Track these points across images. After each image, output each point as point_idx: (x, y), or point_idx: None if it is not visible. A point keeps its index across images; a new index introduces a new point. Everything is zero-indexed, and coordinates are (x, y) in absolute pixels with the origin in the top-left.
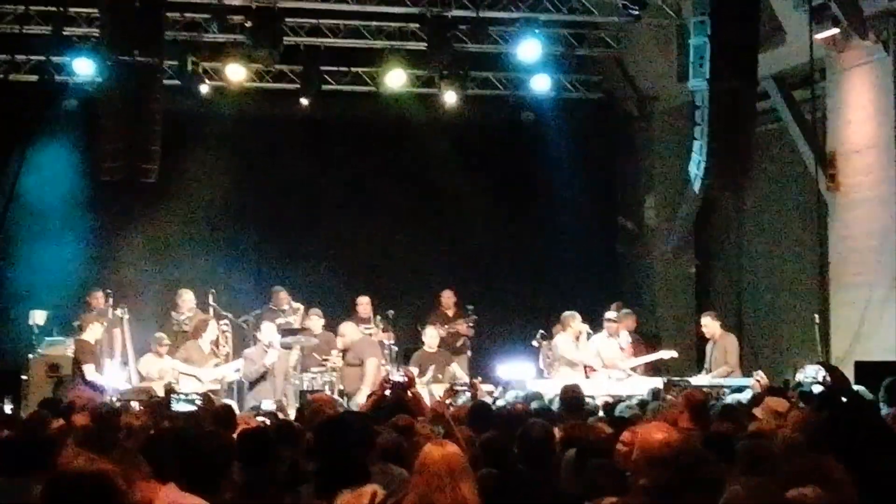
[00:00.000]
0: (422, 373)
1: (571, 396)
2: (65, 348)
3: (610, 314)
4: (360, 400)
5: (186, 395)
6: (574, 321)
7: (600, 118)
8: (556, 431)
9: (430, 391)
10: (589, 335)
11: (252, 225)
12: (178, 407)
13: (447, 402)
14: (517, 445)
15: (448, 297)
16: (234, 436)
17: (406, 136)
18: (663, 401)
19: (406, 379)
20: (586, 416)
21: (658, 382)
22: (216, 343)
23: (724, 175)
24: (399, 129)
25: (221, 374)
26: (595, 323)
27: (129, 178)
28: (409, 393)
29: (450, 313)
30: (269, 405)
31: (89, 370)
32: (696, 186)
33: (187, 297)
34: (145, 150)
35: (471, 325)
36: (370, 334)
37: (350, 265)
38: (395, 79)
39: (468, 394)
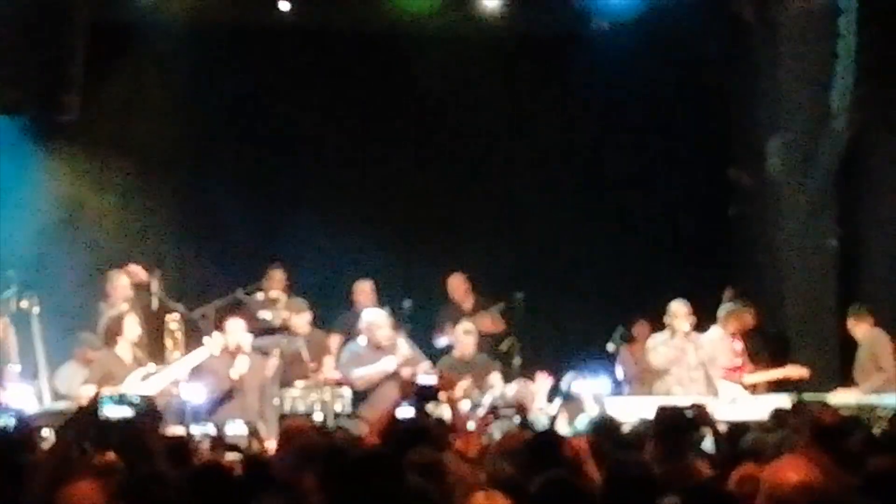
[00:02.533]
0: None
1: (669, 422)
2: None
3: (731, 306)
4: None
5: (121, 396)
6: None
7: (703, 28)
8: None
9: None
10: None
11: (212, 179)
12: (109, 411)
13: (486, 428)
14: (603, 491)
15: (458, 284)
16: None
17: (425, 56)
18: (791, 429)
19: (437, 382)
20: (687, 448)
21: (784, 401)
22: (160, 346)
23: (877, 108)
24: (416, 46)
25: (162, 384)
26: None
27: (39, 115)
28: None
29: (466, 306)
30: (237, 428)
31: None
32: (840, 124)
33: (120, 283)
34: (63, 76)
35: (499, 318)
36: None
37: (348, 237)
38: None
39: (516, 417)
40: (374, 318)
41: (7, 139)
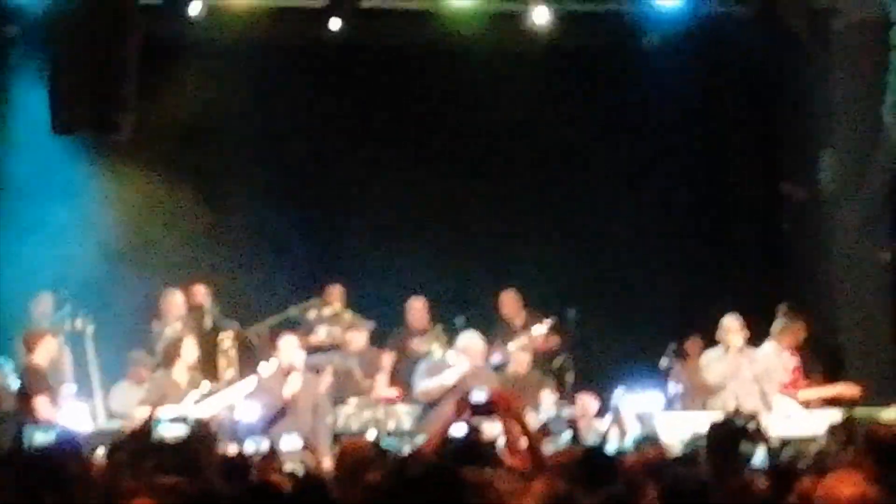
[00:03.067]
0: None
1: (723, 438)
2: (2, 375)
3: (785, 321)
4: None
5: (175, 417)
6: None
7: (755, 42)
8: None
9: None
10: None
11: (264, 197)
12: (164, 431)
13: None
14: None
15: (510, 301)
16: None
17: (476, 71)
18: (840, 444)
19: (492, 399)
20: (740, 462)
21: (835, 416)
22: (213, 365)
23: None
24: (466, 61)
25: (215, 408)
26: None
27: (93, 133)
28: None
29: (517, 322)
30: (293, 443)
31: (41, 404)
32: (893, 136)
33: (175, 301)
34: (116, 95)
35: (549, 332)
36: (427, 352)
37: (401, 254)
38: None
39: (568, 433)
40: (469, 342)
41: (63, 158)
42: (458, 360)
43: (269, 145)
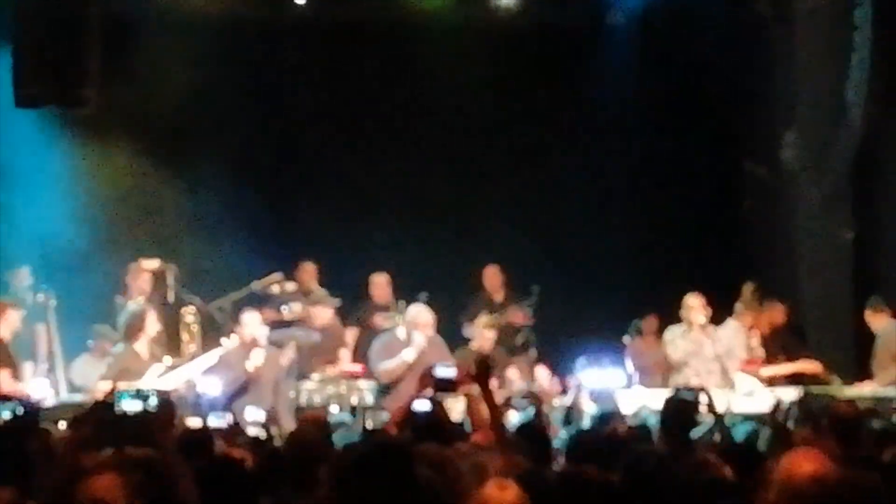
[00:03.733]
0: None
1: (680, 414)
2: None
3: (748, 299)
4: None
5: (137, 390)
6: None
7: (720, 22)
8: None
9: None
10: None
11: (228, 172)
12: (126, 405)
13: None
14: (620, 483)
15: (493, 276)
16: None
17: (442, 49)
18: (797, 421)
19: (457, 374)
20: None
21: (791, 395)
22: (176, 339)
23: (893, 100)
24: (432, 39)
25: (178, 381)
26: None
27: (57, 107)
28: (462, 396)
29: (497, 297)
30: (255, 415)
31: (2, 377)
32: (855, 116)
33: (139, 275)
34: (79, 69)
35: (528, 311)
36: (389, 327)
37: (363, 230)
38: None
39: (531, 409)
40: (418, 314)
41: (26, 132)
42: (413, 336)
43: (232, 121)
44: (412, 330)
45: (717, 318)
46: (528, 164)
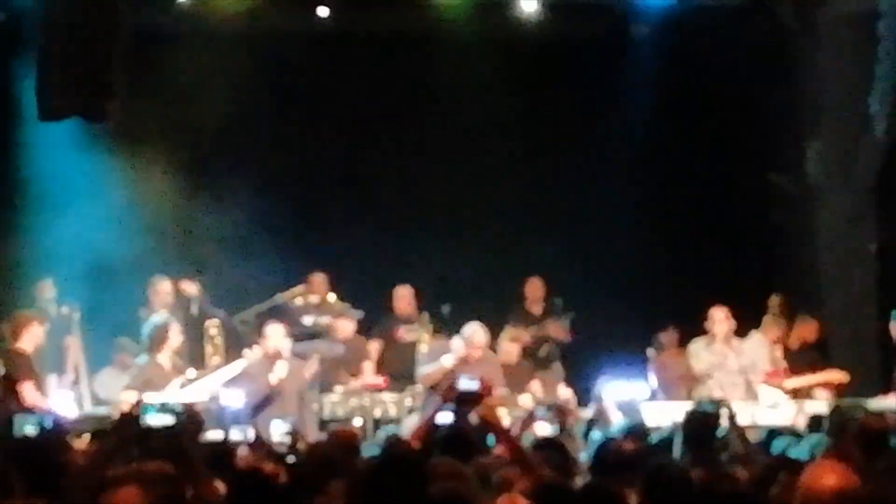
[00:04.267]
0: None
1: (702, 427)
2: None
3: (773, 313)
4: None
5: (162, 403)
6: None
7: (743, 33)
8: None
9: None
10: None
11: (252, 184)
12: (151, 419)
13: (523, 434)
14: (640, 496)
15: (535, 288)
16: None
17: (464, 60)
18: (828, 434)
19: (480, 387)
20: (715, 450)
21: (821, 408)
22: (199, 352)
23: None
24: (454, 50)
25: (201, 394)
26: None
27: (82, 119)
28: (482, 411)
29: (536, 310)
30: (282, 428)
31: (27, 390)
32: (880, 128)
33: (163, 289)
34: (103, 82)
35: (566, 326)
36: (412, 339)
37: (387, 242)
38: None
39: (555, 423)
40: (473, 333)
41: (53, 144)
42: (457, 346)
43: (257, 133)
44: (468, 348)
45: (742, 331)
46: (551, 176)
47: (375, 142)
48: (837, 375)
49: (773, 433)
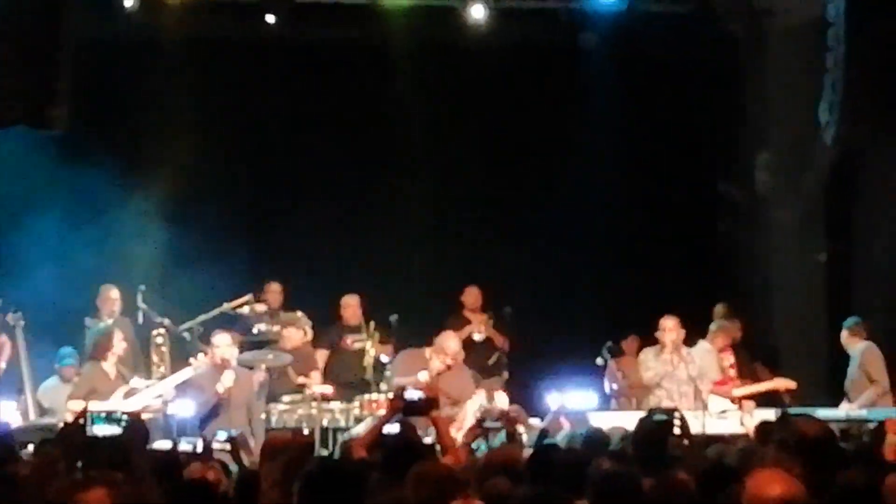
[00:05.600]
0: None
1: (653, 435)
2: None
3: (721, 322)
4: None
5: (108, 413)
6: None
7: (692, 42)
8: None
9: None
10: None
11: (197, 194)
12: (97, 430)
13: (472, 444)
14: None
15: (473, 296)
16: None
17: (413, 68)
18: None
19: (425, 395)
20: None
21: (769, 415)
22: (146, 361)
23: (866, 121)
24: (403, 58)
25: (147, 401)
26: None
27: (28, 128)
28: (429, 418)
29: (475, 319)
30: (222, 436)
31: None
32: (828, 137)
33: (111, 296)
34: (49, 90)
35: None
36: (360, 348)
37: (336, 251)
38: None
39: (503, 432)
40: (447, 342)
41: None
42: (432, 359)
43: (202, 140)
44: (438, 355)
45: (695, 341)
46: (503, 184)
47: (325, 150)
48: (785, 383)
49: (717, 440)
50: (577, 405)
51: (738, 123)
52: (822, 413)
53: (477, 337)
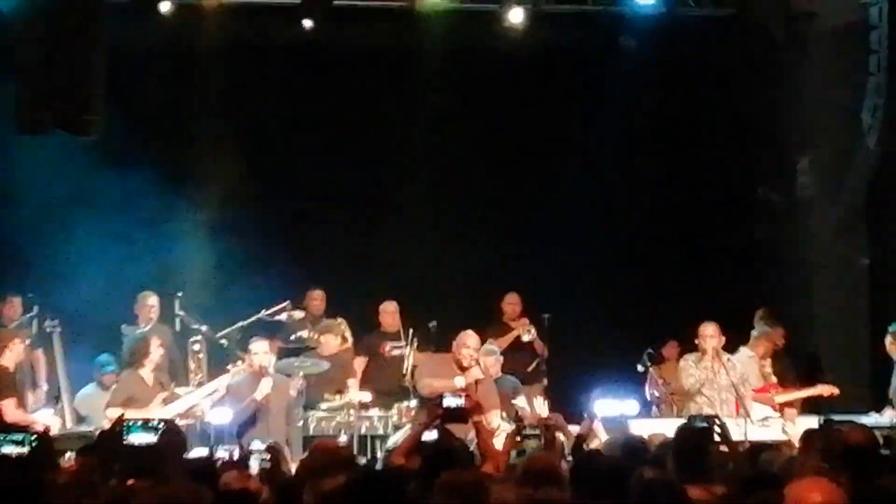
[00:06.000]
0: None
1: (693, 442)
2: None
3: (763, 328)
4: None
5: (145, 421)
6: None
7: (732, 45)
8: None
9: None
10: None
11: (236, 201)
12: (134, 438)
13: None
14: None
15: (512, 303)
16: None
17: (452, 71)
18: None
19: (465, 402)
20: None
21: (811, 423)
22: (184, 368)
23: None
24: (442, 61)
25: (185, 408)
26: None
27: (62, 135)
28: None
29: (517, 325)
30: (258, 446)
31: (8, 407)
32: (871, 141)
33: (149, 303)
34: (83, 96)
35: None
36: (399, 355)
37: (375, 257)
38: None
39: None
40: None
41: (32, 158)
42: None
43: (241, 147)
44: (459, 350)
45: (736, 347)
46: (540, 188)
47: (362, 155)
48: (827, 389)
49: (763, 448)
50: (619, 412)
51: (778, 127)
52: (865, 420)
53: (526, 337)
